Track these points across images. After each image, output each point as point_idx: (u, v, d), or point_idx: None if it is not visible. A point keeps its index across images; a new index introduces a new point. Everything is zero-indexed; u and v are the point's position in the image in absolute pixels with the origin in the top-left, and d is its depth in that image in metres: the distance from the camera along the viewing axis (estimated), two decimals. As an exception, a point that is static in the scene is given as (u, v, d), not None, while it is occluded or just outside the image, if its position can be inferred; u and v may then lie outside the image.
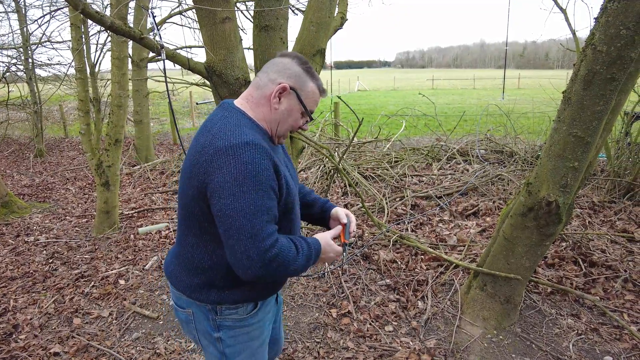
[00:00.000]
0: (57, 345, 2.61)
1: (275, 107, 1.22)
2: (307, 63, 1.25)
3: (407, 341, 2.49)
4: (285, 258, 1.13)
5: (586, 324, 2.59)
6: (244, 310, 1.29)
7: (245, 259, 1.08)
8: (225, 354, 1.33)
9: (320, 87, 1.27)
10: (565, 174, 2.24)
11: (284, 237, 1.19)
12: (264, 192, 1.09)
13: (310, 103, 1.26)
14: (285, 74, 1.22)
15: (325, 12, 3.35)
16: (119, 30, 2.21)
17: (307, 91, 1.23)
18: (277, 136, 1.27)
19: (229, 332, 1.30)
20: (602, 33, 1.92)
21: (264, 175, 1.09)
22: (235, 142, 1.08)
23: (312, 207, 1.54)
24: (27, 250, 4.08)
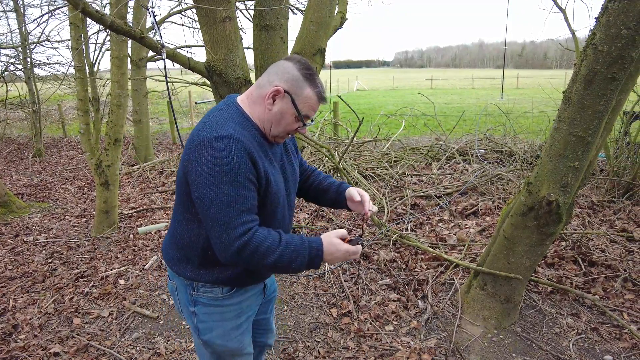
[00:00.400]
0: (57, 345, 2.60)
1: (269, 108, 1.24)
2: (309, 69, 1.25)
3: (407, 341, 2.49)
4: (259, 247, 1.15)
5: (586, 323, 2.60)
6: (218, 291, 1.36)
7: (219, 244, 1.16)
8: (199, 328, 1.41)
9: (320, 94, 1.27)
10: (566, 174, 2.24)
11: (268, 229, 1.21)
12: (238, 182, 1.14)
13: (305, 108, 1.26)
14: (283, 77, 1.24)
15: (325, 11, 3.35)
16: (119, 29, 2.21)
17: (302, 96, 1.24)
18: (271, 136, 1.28)
19: (203, 309, 1.38)
20: (603, 33, 1.92)
21: (239, 167, 1.14)
22: (216, 135, 1.14)
23: (327, 191, 1.57)
24: (26, 250, 4.07)
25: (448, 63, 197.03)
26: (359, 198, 1.47)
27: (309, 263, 1.21)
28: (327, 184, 1.59)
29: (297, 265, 1.20)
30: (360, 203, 1.48)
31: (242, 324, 1.45)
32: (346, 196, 1.52)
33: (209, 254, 1.29)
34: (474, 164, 5.87)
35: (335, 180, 1.62)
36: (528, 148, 6.17)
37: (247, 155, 1.16)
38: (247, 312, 1.46)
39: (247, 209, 1.16)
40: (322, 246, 1.23)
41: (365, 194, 1.50)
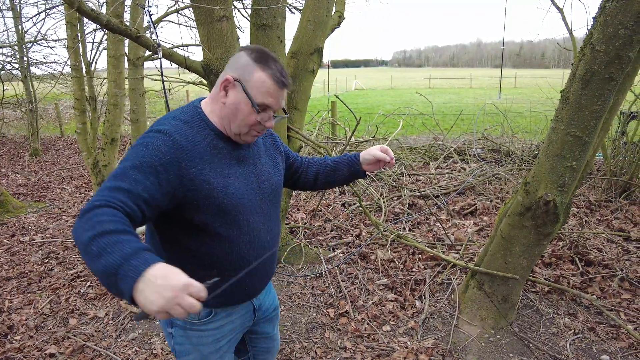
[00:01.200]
0: (52, 346, 2.59)
1: (223, 101, 1.17)
2: (262, 52, 1.16)
3: (404, 341, 2.48)
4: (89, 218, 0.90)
5: (583, 323, 2.60)
6: (195, 316, 1.27)
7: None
8: (175, 350, 1.34)
9: (274, 75, 1.14)
10: (563, 174, 2.24)
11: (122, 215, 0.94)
12: (139, 164, 1.03)
13: (259, 94, 1.14)
14: (233, 67, 1.17)
15: (322, 10, 3.34)
16: (115, 28, 2.20)
17: (252, 81, 1.13)
18: (234, 134, 1.19)
19: (179, 331, 1.30)
20: (600, 32, 1.92)
21: (151, 153, 1.05)
22: (152, 129, 1.11)
23: (337, 169, 1.51)
24: (23, 250, 4.04)
25: (446, 62, 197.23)
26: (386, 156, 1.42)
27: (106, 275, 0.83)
28: (333, 162, 1.52)
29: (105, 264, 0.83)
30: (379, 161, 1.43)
31: (222, 347, 1.35)
32: (365, 161, 1.46)
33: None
34: (472, 164, 5.87)
35: (335, 157, 1.55)
36: (526, 147, 6.17)
37: (173, 151, 1.07)
38: (229, 336, 1.36)
39: (127, 189, 0.98)
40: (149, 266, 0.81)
41: (387, 147, 1.46)
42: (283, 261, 3.38)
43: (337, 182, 1.55)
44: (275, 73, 1.14)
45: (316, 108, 9.41)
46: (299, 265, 3.38)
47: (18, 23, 8.49)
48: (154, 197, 1.04)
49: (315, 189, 1.60)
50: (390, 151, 1.45)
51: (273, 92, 1.15)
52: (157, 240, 1.23)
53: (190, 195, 1.11)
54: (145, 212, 1.02)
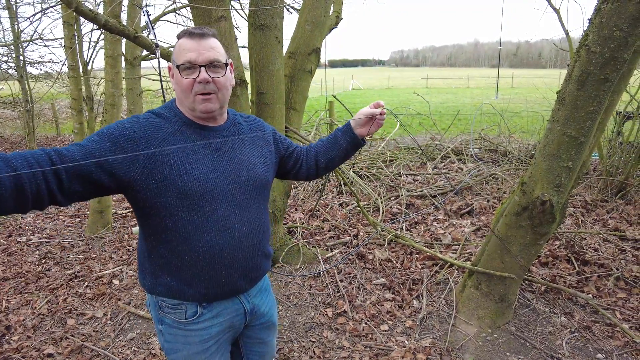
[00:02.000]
0: (50, 346, 2.59)
1: (173, 87, 1.22)
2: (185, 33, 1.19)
3: (402, 340, 2.50)
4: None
5: (579, 322, 2.62)
6: (182, 314, 1.28)
7: None
8: (164, 347, 1.36)
9: (187, 32, 1.17)
10: (560, 174, 2.26)
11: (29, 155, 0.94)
12: (101, 133, 1.12)
13: (180, 56, 1.18)
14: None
15: (320, 11, 3.34)
16: (113, 28, 2.20)
17: (175, 51, 1.20)
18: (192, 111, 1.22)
19: (168, 329, 1.32)
20: (595, 34, 1.93)
21: (114, 127, 1.13)
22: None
23: (335, 144, 1.50)
24: (20, 250, 4.03)
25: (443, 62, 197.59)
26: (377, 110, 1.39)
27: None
28: (329, 141, 1.52)
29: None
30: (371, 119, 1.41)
31: (210, 348, 1.34)
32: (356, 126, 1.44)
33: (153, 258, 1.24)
34: (469, 164, 5.90)
35: (329, 136, 1.54)
36: (522, 147, 6.20)
37: (139, 130, 1.14)
38: (217, 337, 1.35)
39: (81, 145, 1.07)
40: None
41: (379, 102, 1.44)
42: (281, 261, 3.39)
43: (338, 158, 1.52)
44: (188, 30, 1.18)
45: (313, 108, 9.41)
46: (297, 265, 3.39)
47: (14, 22, 8.46)
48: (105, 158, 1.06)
49: (319, 173, 1.57)
50: (382, 102, 1.42)
51: (190, 47, 1.16)
52: (140, 232, 1.29)
53: (148, 173, 1.13)
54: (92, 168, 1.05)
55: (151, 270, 1.27)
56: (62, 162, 0.99)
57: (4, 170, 0.88)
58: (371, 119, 1.43)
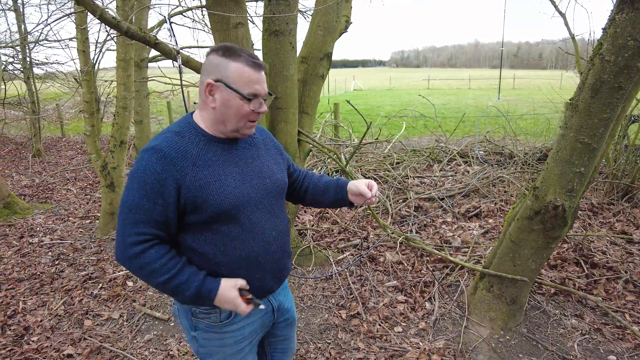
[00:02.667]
0: (70, 347, 2.63)
1: (212, 106, 1.21)
2: (228, 47, 1.20)
3: (416, 342, 2.54)
4: (148, 265, 1.16)
5: (590, 324, 2.66)
6: (216, 317, 1.32)
7: (116, 241, 1.19)
8: (199, 353, 1.40)
9: (248, 60, 1.19)
10: (572, 179, 2.30)
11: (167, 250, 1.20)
12: (145, 192, 1.15)
13: (242, 84, 1.19)
14: (207, 71, 1.21)
15: (332, 16, 3.39)
16: (135, 35, 2.24)
17: (231, 74, 1.18)
18: (233, 132, 1.25)
19: (202, 334, 1.36)
20: (610, 43, 1.98)
21: (150, 178, 1.15)
22: (146, 147, 1.18)
23: (326, 191, 1.54)
24: (32, 251, 4.08)
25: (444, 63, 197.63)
26: (368, 192, 1.43)
27: (198, 299, 1.21)
28: (324, 183, 1.55)
29: (187, 296, 1.20)
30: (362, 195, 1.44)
31: (244, 348, 1.40)
32: (351, 191, 1.48)
33: None
34: (475, 166, 5.94)
35: (330, 178, 1.57)
36: (528, 150, 6.24)
37: (169, 166, 1.16)
38: (250, 337, 1.41)
39: (145, 221, 1.16)
40: (217, 291, 1.21)
41: (374, 183, 1.47)
42: (294, 263, 3.43)
43: (322, 204, 1.58)
44: (248, 59, 1.19)
45: (318, 110, 9.47)
46: (309, 267, 3.43)
47: (21, 23, 8.51)
48: (168, 216, 1.19)
49: (302, 203, 1.63)
50: (375, 188, 1.46)
51: (254, 78, 1.21)
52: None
53: (190, 201, 1.19)
54: (169, 230, 1.22)
55: None
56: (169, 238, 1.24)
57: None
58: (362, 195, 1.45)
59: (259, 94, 1.22)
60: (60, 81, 10.23)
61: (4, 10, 9.06)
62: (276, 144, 1.50)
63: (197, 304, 1.25)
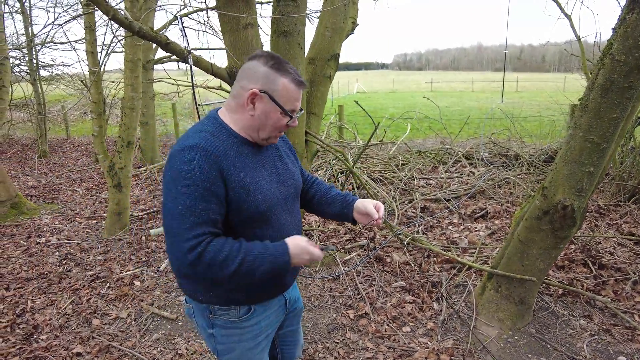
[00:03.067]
0: (78, 345, 2.64)
1: (251, 114, 1.22)
2: (275, 58, 1.21)
3: (425, 341, 2.54)
4: (215, 258, 1.11)
5: (599, 325, 2.65)
6: (235, 313, 1.33)
7: (171, 255, 1.13)
8: (217, 350, 1.40)
9: (295, 80, 1.21)
10: (581, 179, 2.30)
11: (226, 238, 1.18)
12: (197, 193, 1.11)
13: (286, 101, 1.21)
14: (253, 78, 1.20)
15: (340, 17, 3.41)
16: (147, 35, 2.26)
17: (279, 89, 1.19)
18: (262, 139, 1.27)
19: (221, 331, 1.36)
20: (620, 43, 1.98)
21: (199, 176, 1.11)
22: (182, 146, 1.14)
23: (332, 204, 1.53)
24: (40, 251, 4.10)
25: (447, 65, 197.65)
26: (375, 213, 1.42)
27: (276, 267, 1.19)
28: (332, 196, 1.54)
29: (263, 271, 1.17)
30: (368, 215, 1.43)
31: (261, 342, 1.42)
32: (357, 209, 1.46)
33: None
34: (480, 167, 5.94)
35: (339, 192, 1.57)
36: (534, 152, 6.23)
37: (214, 165, 1.14)
38: (267, 331, 1.43)
39: (203, 221, 1.12)
40: (287, 248, 1.21)
41: (381, 206, 1.46)
42: (300, 263, 3.44)
43: (326, 215, 1.57)
44: (295, 77, 1.21)
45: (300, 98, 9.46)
46: (315, 267, 3.44)
47: (28, 25, 8.58)
48: (222, 212, 1.18)
49: (307, 209, 1.62)
50: (382, 210, 1.45)
51: (297, 96, 1.24)
52: None
53: (234, 201, 1.19)
54: (221, 226, 1.20)
55: (208, 286, 1.30)
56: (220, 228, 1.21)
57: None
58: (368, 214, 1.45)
59: (297, 110, 1.26)
60: (66, 83, 10.29)
61: (11, 13, 9.14)
62: (290, 145, 1.54)
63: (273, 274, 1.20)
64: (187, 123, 14.20)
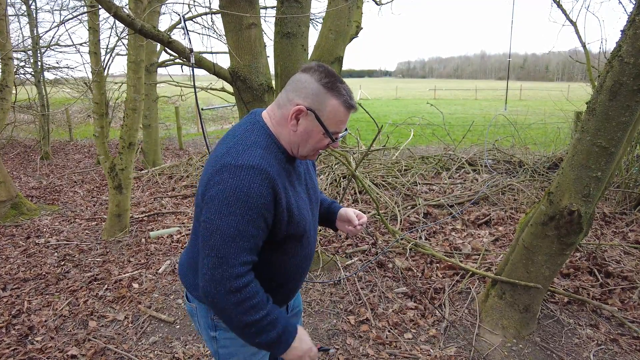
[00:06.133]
0: (74, 347, 2.59)
1: (294, 129, 1.14)
2: (331, 76, 1.12)
3: (427, 349, 2.48)
4: (251, 299, 1.07)
5: (605, 335, 2.59)
6: None
7: (209, 278, 1.06)
8: (219, 354, 1.35)
9: (346, 102, 1.13)
10: (588, 184, 2.25)
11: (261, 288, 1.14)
12: (250, 218, 1.05)
13: (332, 123, 1.14)
14: (302, 93, 1.12)
15: (344, 20, 3.39)
16: (149, 34, 2.24)
17: (327, 110, 1.12)
18: (300, 156, 1.20)
19: (224, 334, 1.31)
20: (629, 45, 1.95)
21: (257, 202, 1.05)
22: (241, 163, 1.06)
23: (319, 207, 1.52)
24: (38, 252, 4.06)
25: (450, 74, 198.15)
26: (357, 222, 1.42)
27: (273, 343, 1.13)
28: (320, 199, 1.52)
29: (264, 338, 1.11)
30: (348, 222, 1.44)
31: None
32: (340, 217, 1.47)
33: None
34: (484, 174, 5.89)
35: (325, 197, 1.55)
36: (538, 159, 6.18)
37: (271, 189, 1.07)
38: None
39: (250, 248, 1.07)
40: (294, 335, 1.16)
41: (364, 216, 1.46)
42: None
43: None
44: (347, 100, 1.13)
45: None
46: (316, 272, 3.39)
47: (33, 28, 8.63)
48: (264, 238, 1.14)
49: None
50: (364, 219, 1.45)
51: (344, 119, 1.16)
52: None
53: (277, 223, 1.14)
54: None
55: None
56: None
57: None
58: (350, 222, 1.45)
59: (341, 132, 1.18)
60: (70, 85, 10.34)
61: (17, 15, 9.21)
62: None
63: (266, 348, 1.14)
64: (190, 127, 14.23)
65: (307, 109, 1.11)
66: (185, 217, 4.93)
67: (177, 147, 10.19)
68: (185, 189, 6.12)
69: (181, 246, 4.10)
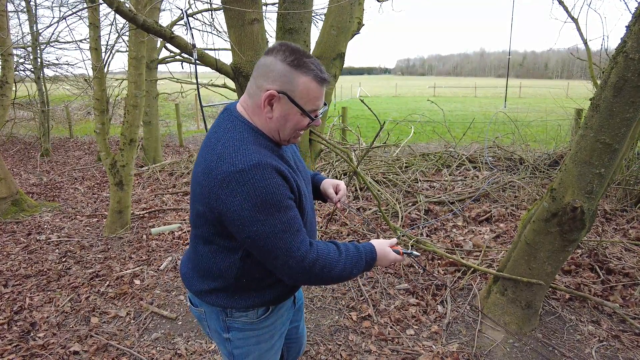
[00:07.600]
0: (76, 344, 2.59)
1: (269, 116, 1.12)
2: (295, 52, 1.08)
3: (429, 345, 2.48)
4: (326, 260, 1.15)
5: (607, 331, 2.59)
6: (254, 314, 1.29)
7: (287, 270, 1.12)
8: (234, 355, 1.34)
9: (317, 76, 1.09)
10: (591, 180, 2.25)
11: (322, 242, 1.20)
12: (284, 208, 1.08)
13: (307, 101, 1.10)
14: (270, 77, 1.09)
15: (346, 16, 3.38)
16: (151, 29, 2.23)
17: (299, 89, 1.08)
18: (283, 141, 1.18)
19: (237, 334, 1.30)
20: (634, 41, 1.94)
21: (279, 193, 1.07)
22: (243, 167, 1.03)
23: None
24: (40, 248, 4.06)
25: (449, 71, 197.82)
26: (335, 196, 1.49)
27: (365, 268, 1.24)
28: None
29: (357, 271, 1.22)
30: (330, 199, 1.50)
31: (276, 343, 1.40)
32: (322, 189, 1.52)
33: (244, 281, 1.22)
34: (484, 171, 5.89)
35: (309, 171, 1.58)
36: (538, 156, 6.18)
37: (281, 177, 1.08)
38: (280, 330, 1.41)
39: (298, 229, 1.12)
40: (375, 253, 1.26)
41: (342, 184, 1.51)
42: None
43: None
44: (317, 73, 1.09)
45: (325, 114, 9.45)
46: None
47: (33, 24, 8.59)
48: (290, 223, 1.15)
49: None
50: (342, 191, 1.50)
51: (319, 94, 1.12)
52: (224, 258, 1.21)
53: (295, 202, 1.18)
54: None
55: (234, 291, 1.25)
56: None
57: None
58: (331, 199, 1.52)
59: (319, 109, 1.15)
60: (70, 82, 10.31)
61: (17, 12, 9.17)
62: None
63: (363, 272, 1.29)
64: (190, 124, 14.21)
65: (278, 92, 1.08)
66: (186, 214, 4.93)
67: (178, 144, 10.17)
68: (185, 186, 6.11)
69: (183, 243, 4.10)
